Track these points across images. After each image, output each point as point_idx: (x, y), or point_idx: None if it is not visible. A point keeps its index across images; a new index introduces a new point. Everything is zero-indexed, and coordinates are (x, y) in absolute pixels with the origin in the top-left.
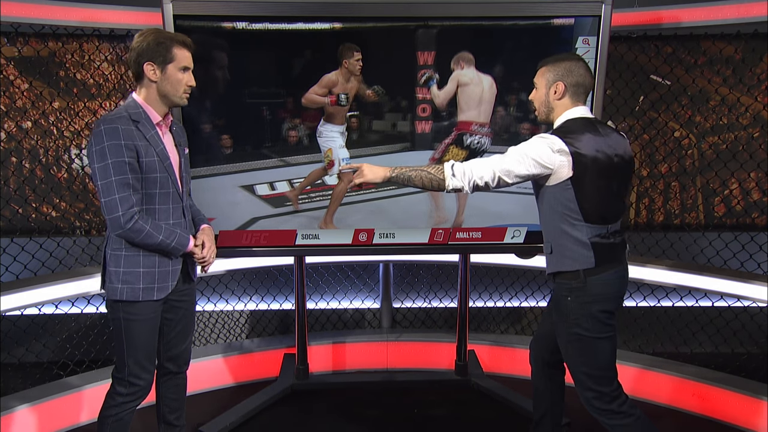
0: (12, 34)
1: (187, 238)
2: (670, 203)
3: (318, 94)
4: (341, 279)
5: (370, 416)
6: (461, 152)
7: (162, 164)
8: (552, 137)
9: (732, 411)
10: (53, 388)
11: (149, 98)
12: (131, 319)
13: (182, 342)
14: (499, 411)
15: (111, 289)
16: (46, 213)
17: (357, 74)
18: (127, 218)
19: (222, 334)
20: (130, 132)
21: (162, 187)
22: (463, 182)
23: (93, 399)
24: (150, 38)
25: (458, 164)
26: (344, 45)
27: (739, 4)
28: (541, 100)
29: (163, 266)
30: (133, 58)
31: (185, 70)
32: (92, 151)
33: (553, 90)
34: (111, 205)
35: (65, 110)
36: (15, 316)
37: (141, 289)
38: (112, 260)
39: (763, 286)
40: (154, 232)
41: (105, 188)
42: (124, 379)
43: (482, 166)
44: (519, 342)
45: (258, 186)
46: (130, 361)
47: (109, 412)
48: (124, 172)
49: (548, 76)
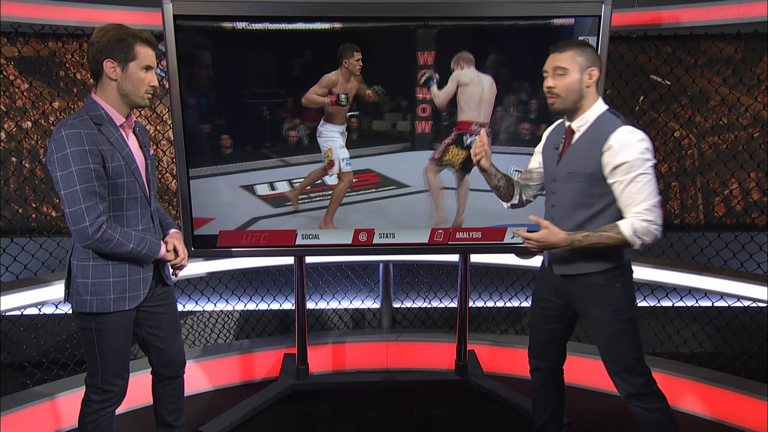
0: (12, 34)
1: (158, 244)
2: (670, 203)
3: (318, 94)
4: (341, 279)
5: (370, 416)
6: (461, 152)
7: (128, 168)
8: (638, 130)
9: (732, 411)
10: (53, 388)
11: (109, 98)
12: (103, 330)
13: (172, 346)
14: (499, 411)
15: (79, 301)
16: (46, 213)
17: (357, 74)
18: (95, 228)
19: (222, 334)
20: (93, 136)
21: (129, 192)
22: (647, 238)
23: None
24: (111, 34)
25: (630, 223)
26: (344, 45)
27: (739, 4)
28: (571, 87)
29: (134, 274)
30: (92, 55)
31: (148, 69)
32: (53, 159)
33: (587, 75)
34: (77, 215)
35: (65, 110)
36: (15, 316)
37: (112, 299)
38: (79, 271)
39: (763, 286)
40: (124, 241)
41: (69, 198)
42: (97, 386)
43: (646, 214)
44: (519, 342)
45: (258, 186)
46: (104, 370)
47: (87, 419)
48: (90, 179)
49: (580, 60)
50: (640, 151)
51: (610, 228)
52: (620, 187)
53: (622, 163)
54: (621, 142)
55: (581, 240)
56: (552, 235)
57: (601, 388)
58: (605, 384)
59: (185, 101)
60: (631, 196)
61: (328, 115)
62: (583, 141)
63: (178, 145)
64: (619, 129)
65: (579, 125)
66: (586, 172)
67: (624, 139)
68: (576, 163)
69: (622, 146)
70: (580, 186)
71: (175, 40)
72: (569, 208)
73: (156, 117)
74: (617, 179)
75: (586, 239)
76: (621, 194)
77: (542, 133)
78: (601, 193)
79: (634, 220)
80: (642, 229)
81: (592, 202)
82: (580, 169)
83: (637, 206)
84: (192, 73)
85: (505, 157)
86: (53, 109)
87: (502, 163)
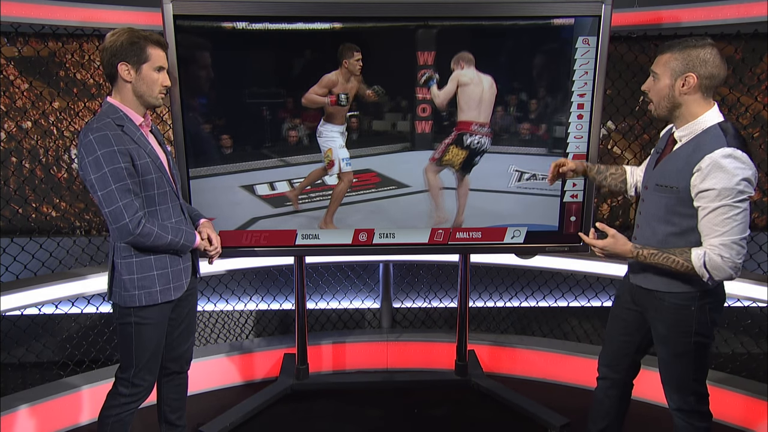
0: (12, 34)
1: (193, 234)
2: None
3: (318, 94)
4: (341, 279)
5: (370, 416)
6: (461, 152)
7: (155, 164)
8: (742, 155)
9: (732, 411)
10: (53, 388)
11: (126, 100)
12: (143, 324)
13: (186, 341)
14: (499, 411)
15: (127, 297)
16: (46, 213)
17: (357, 74)
18: (135, 224)
19: (222, 334)
20: (119, 137)
21: (159, 188)
22: (718, 273)
23: (93, 399)
24: (124, 37)
25: (703, 253)
26: (344, 45)
27: (739, 4)
28: (662, 94)
29: (175, 265)
30: (106, 59)
31: (160, 69)
32: (85, 163)
33: (681, 83)
34: (116, 214)
35: (65, 110)
36: (15, 316)
37: (159, 291)
38: (124, 268)
39: (763, 286)
40: (163, 233)
41: (107, 198)
42: (128, 380)
43: (722, 249)
44: (519, 342)
45: (258, 186)
46: (138, 364)
47: (110, 412)
48: (123, 178)
49: (674, 65)
50: (734, 180)
51: (680, 253)
52: (702, 213)
53: (709, 189)
54: (714, 166)
55: (647, 256)
56: (618, 246)
57: None
58: None
59: (185, 101)
60: (711, 226)
61: (328, 115)
62: (680, 154)
63: (179, 145)
64: (718, 151)
65: (681, 135)
66: (674, 189)
67: (718, 163)
68: (666, 177)
69: (713, 170)
70: (665, 201)
71: (175, 40)
72: (653, 221)
73: (156, 117)
74: (701, 204)
75: (652, 257)
76: (701, 221)
77: (541, 133)
78: (686, 213)
79: (709, 251)
80: (714, 264)
81: (676, 221)
82: (668, 183)
83: (715, 239)
84: (192, 73)
85: (504, 157)
86: (53, 109)
87: (502, 164)
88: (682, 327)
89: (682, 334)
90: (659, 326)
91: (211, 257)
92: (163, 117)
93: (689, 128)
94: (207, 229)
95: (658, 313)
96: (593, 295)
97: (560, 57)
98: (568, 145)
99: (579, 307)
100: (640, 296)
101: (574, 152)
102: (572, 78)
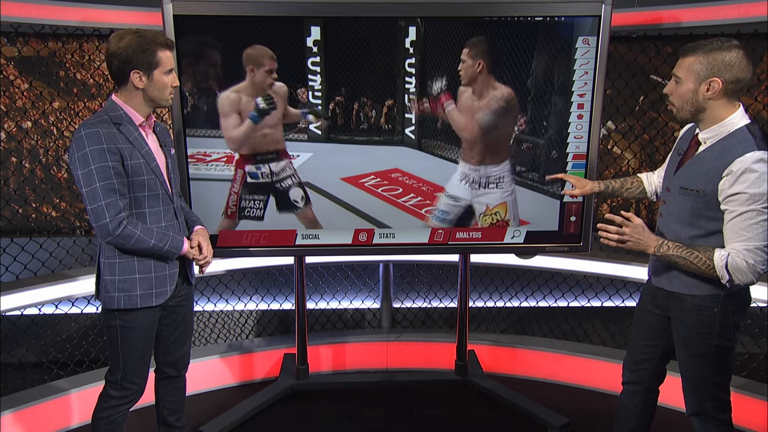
0: (12, 34)
1: (180, 240)
2: None
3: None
4: (341, 279)
5: (370, 416)
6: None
7: (148, 166)
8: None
9: (732, 411)
10: (53, 389)
11: (132, 101)
12: (128, 327)
13: (181, 347)
14: (499, 411)
15: (107, 298)
16: (46, 213)
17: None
18: (115, 224)
19: (222, 334)
20: (112, 135)
21: (150, 190)
22: (739, 277)
23: (93, 399)
24: (133, 43)
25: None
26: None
27: (739, 4)
28: (685, 98)
29: (160, 270)
30: (115, 65)
31: (170, 72)
32: (74, 158)
33: (705, 87)
34: (97, 212)
35: (65, 110)
36: (15, 316)
37: (138, 295)
38: (107, 268)
39: (763, 286)
40: (145, 237)
41: (90, 195)
42: (117, 383)
43: (746, 255)
44: (519, 342)
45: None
46: (125, 367)
47: (102, 414)
48: (109, 176)
49: (698, 69)
50: (766, 185)
51: (704, 251)
52: (729, 216)
53: (738, 194)
54: (744, 169)
55: (671, 247)
56: (645, 234)
57: (601, 388)
58: (605, 384)
59: (185, 101)
60: (737, 231)
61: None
62: (706, 156)
63: (179, 145)
64: (748, 154)
65: (706, 137)
66: (700, 192)
67: (751, 167)
68: (691, 179)
69: (743, 174)
70: (690, 204)
71: (175, 40)
72: (676, 223)
73: (156, 117)
74: (729, 208)
75: (677, 249)
76: (726, 224)
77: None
78: (712, 216)
79: (733, 253)
80: (736, 267)
81: (701, 224)
82: (694, 187)
83: (739, 243)
84: (192, 73)
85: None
86: (53, 109)
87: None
88: (704, 328)
89: (702, 336)
90: (680, 327)
91: (200, 267)
92: (163, 117)
93: (715, 130)
94: (199, 237)
95: (680, 314)
96: (593, 295)
97: (560, 57)
98: (568, 145)
99: (579, 307)
100: (663, 299)
101: (574, 152)
102: (572, 78)
